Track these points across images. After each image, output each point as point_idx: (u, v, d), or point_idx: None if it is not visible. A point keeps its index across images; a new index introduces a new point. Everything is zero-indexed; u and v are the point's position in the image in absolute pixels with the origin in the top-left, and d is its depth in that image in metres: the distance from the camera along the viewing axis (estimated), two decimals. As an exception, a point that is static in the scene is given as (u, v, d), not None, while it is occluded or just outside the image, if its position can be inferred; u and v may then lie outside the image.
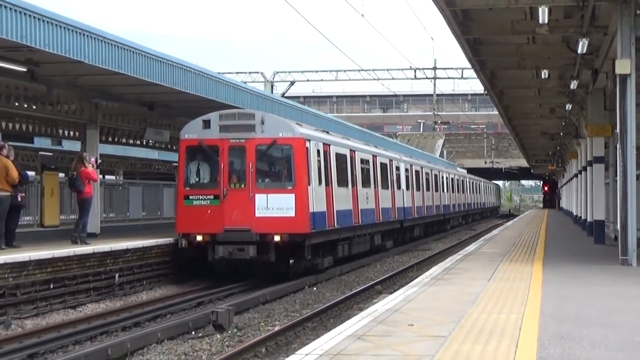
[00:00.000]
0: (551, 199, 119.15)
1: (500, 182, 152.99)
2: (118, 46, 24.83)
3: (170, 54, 28.48)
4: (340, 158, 31.96)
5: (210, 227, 26.50)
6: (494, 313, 13.72)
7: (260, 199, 26.30)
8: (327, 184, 29.36)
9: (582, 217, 45.33)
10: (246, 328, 20.15)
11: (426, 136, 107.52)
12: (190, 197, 26.98)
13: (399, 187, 44.16)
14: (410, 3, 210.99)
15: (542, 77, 33.57)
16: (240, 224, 26.28)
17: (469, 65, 35.49)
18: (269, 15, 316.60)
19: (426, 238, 54.31)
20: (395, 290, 20.15)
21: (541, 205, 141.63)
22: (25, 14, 20.85)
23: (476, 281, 18.65)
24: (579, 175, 49.00)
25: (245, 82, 56.33)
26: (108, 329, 19.61)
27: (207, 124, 26.96)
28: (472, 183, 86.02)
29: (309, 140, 27.50)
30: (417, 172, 50.81)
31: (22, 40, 20.81)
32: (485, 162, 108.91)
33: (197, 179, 27.62)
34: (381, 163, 40.02)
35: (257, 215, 26.31)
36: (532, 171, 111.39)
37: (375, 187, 37.90)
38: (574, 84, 33.24)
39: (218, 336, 19.06)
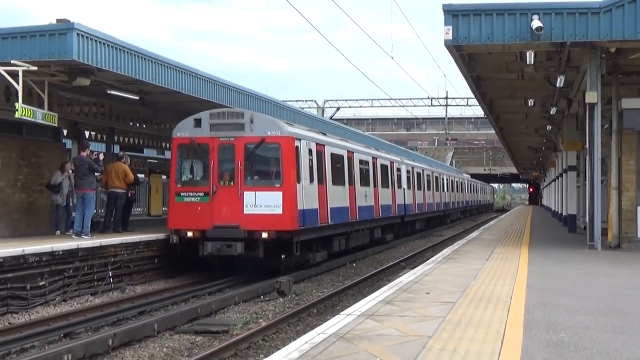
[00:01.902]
0: (535, 198, 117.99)
1: (495, 185, 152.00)
2: (207, 80, 25.01)
3: (246, 85, 28.70)
4: (336, 158, 27.16)
5: (200, 224, 21.85)
6: (491, 285, 13.64)
7: (248, 196, 21.69)
8: (320, 182, 24.61)
9: (559, 212, 45.02)
10: (302, 294, 20.18)
11: (439, 149, 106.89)
12: (182, 194, 22.34)
13: (399, 186, 39.53)
14: (429, 48, 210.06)
15: (529, 105, 33.45)
16: (229, 221, 21.64)
17: (473, 96, 35.30)
18: (320, 55, 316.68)
19: (428, 230, 50.18)
20: (415, 266, 20.07)
21: (527, 202, 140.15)
22: (138, 55, 21.06)
23: (477, 260, 18.55)
24: (556, 180, 48.69)
25: (302, 108, 56.16)
26: (197, 293, 19.72)
27: (198, 123, 22.41)
28: (470, 184, 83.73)
29: (299, 140, 22.79)
30: (418, 173, 46.76)
31: (135, 76, 21.03)
32: (484, 169, 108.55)
33: (188, 176, 22.94)
34: (381, 164, 35.31)
35: (245, 212, 21.64)
36: (520, 176, 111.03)
37: (375, 186, 33.21)
38: (553, 110, 33.12)
39: (280, 300, 19.11)
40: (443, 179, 58.77)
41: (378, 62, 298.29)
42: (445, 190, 59.56)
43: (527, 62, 22.12)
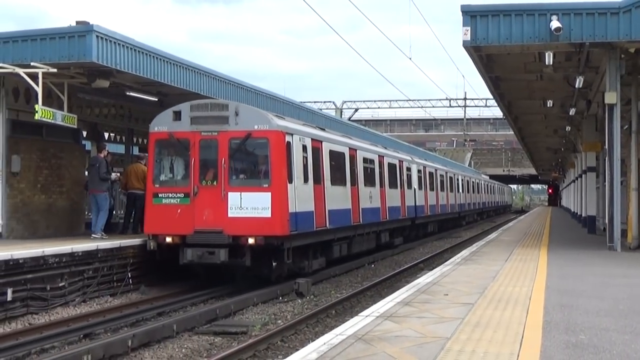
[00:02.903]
0: (554, 199, 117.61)
1: (514, 186, 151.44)
2: (225, 81, 25.09)
3: (263, 87, 28.80)
4: (336, 156, 24.88)
5: (180, 228, 19.67)
6: (509, 286, 13.61)
7: (233, 197, 19.47)
8: (317, 182, 22.32)
9: (578, 213, 44.86)
10: (320, 295, 20.18)
11: (458, 150, 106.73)
12: (160, 195, 20.09)
13: (409, 186, 36.95)
14: (447, 49, 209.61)
15: (548, 105, 33.32)
16: (212, 225, 19.49)
17: (492, 97, 35.19)
18: (338, 56, 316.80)
19: (441, 233, 47.78)
20: (434, 268, 20.05)
21: (546, 203, 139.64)
22: (156, 57, 21.17)
23: (496, 262, 18.50)
24: (576, 181, 48.54)
25: (320, 109, 56.07)
26: (216, 295, 19.75)
27: (177, 116, 20.17)
28: (486, 185, 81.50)
29: (291, 135, 20.51)
30: (430, 173, 43.93)
31: (154, 78, 21.15)
32: (503, 170, 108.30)
33: (167, 176, 20.79)
34: (389, 163, 32.81)
35: (229, 215, 19.44)
36: (539, 177, 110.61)
37: (382, 187, 30.83)
38: (572, 111, 33.02)
39: (299, 301, 19.13)
40: (458, 179, 56.34)
41: (396, 64, 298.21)
42: (460, 190, 57.25)
43: (546, 63, 22.06)
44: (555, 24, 20.23)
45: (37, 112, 19.52)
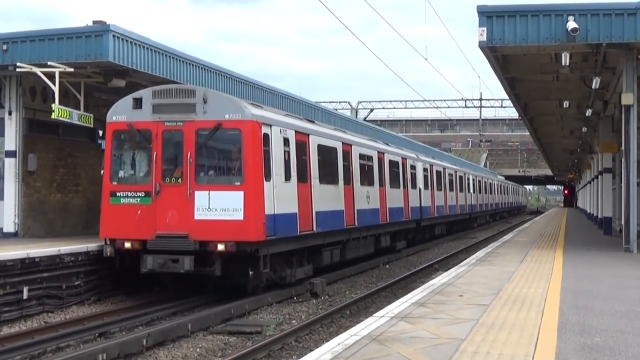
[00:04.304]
0: (570, 200, 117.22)
1: (529, 187, 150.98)
2: (239, 80, 25.19)
3: (279, 87, 28.86)
4: (326, 151, 22.15)
5: (140, 232, 17.31)
6: (525, 288, 13.56)
7: (200, 197, 17.02)
8: (302, 181, 19.72)
9: (594, 214, 44.69)
10: (335, 295, 20.17)
11: (473, 151, 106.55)
12: (118, 194, 17.65)
13: (414, 186, 34.14)
14: (463, 50, 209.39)
15: (564, 106, 33.19)
16: (176, 229, 17.04)
17: (507, 97, 35.09)
18: (353, 56, 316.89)
19: (453, 235, 45.89)
20: (448, 269, 20.01)
21: (562, 204, 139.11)
22: (172, 57, 21.27)
23: (511, 263, 18.44)
24: (592, 182, 48.35)
25: (335, 109, 56.06)
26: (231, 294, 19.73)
27: (138, 103, 17.69)
28: (500, 185, 79.25)
29: (269, 126, 17.93)
30: (438, 172, 40.97)
31: (170, 77, 21.26)
32: (519, 171, 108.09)
33: (126, 172, 18.23)
34: (390, 161, 29.98)
35: (196, 217, 17.00)
36: (555, 178, 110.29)
37: (381, 186, 28.09)
38: (588, 112, 32.89)
39: (314, 301, 19.13)
40: (469, 179, 53.53)
41: (412, 64, 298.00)
42: (472, 191, 54.51)
43: (562, 64, 21.98)
44: (571, 24, 20.16)
45: (53, 111, 19.64)
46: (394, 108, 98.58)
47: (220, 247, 16.79)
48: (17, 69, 20.14)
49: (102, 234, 17.91)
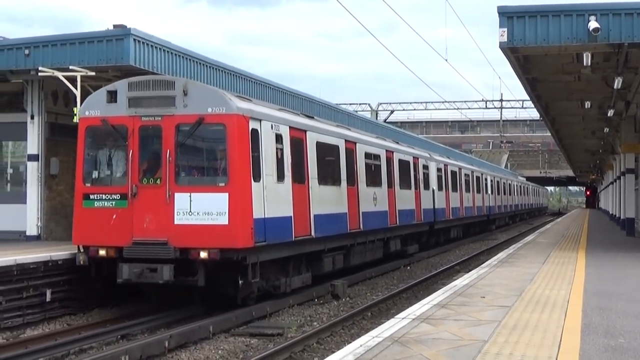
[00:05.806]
0: (592, 201, 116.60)
1: (551, 188, 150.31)
2: (252, 81, 25.20)
3: (299, 89, 28.84)
4: (327, 149, 20.58)
5: (116, 238, 15.83)
6: (547, 289, 13.51)
7: (181, 199, 15.47)
8: (298, 181, 18.19)
9: (617, 215, 44.44)
10: (356, 297, 20.17)
11: (494, 152, 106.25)
12: (91, 197, 16.22)
13: (426, 187, 32.63)
14: (483, 51, 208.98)
15: (586, 107, 32.99)
16: (154, 235, 15.54)
17: (528, 98, 34.94)
18: (373, 58, 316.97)
19: (471, 237, 44.78)
20: (470, 270, 19.95)
21: (584, 205, 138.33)
22: (193, 60, 21.34)
23: (533, 264, 18.38)
24: (614, 183, 48.11)
25: (356, 111, 56.04)
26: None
27: (112, 96, 16.18)
28: (520, 186, 77.65)
29: (258, 120, 16.31)
30: (453, 172, 39.37)
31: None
32: (540, 172, 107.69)
33: (101, 172, 16.78)
34: (400, 160, 28.28)
35: (176, 222, 15.47)
36: (577, 179, 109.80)
37: (390, 187, 26.46)
38: (610, 112, 32.66)
39: (335, 303, 19.12)
40: (486, 180, 51.82)
41: (432, 65, 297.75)
42: (490, 192, 53.02)
43: (584, 64, 21.84)
44: (593, 24, 20.04)
45: (75, 114, 19.74)
46: (414, 110, 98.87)
47: (203, 254, 15.28)
48: (39, 74, 20.30)
49: (74, 240, 16.62)
